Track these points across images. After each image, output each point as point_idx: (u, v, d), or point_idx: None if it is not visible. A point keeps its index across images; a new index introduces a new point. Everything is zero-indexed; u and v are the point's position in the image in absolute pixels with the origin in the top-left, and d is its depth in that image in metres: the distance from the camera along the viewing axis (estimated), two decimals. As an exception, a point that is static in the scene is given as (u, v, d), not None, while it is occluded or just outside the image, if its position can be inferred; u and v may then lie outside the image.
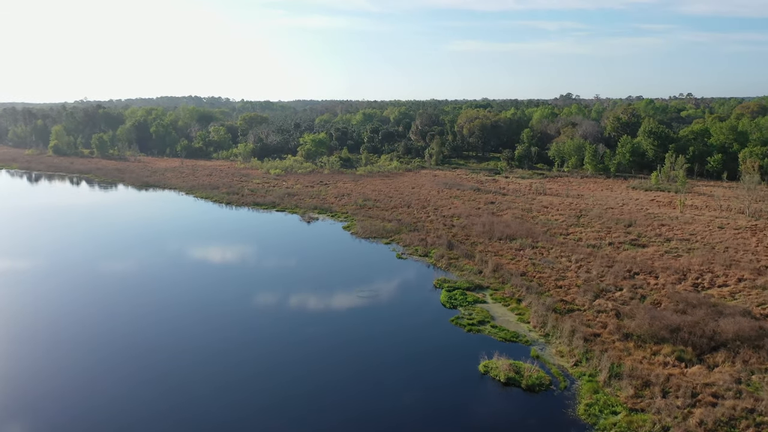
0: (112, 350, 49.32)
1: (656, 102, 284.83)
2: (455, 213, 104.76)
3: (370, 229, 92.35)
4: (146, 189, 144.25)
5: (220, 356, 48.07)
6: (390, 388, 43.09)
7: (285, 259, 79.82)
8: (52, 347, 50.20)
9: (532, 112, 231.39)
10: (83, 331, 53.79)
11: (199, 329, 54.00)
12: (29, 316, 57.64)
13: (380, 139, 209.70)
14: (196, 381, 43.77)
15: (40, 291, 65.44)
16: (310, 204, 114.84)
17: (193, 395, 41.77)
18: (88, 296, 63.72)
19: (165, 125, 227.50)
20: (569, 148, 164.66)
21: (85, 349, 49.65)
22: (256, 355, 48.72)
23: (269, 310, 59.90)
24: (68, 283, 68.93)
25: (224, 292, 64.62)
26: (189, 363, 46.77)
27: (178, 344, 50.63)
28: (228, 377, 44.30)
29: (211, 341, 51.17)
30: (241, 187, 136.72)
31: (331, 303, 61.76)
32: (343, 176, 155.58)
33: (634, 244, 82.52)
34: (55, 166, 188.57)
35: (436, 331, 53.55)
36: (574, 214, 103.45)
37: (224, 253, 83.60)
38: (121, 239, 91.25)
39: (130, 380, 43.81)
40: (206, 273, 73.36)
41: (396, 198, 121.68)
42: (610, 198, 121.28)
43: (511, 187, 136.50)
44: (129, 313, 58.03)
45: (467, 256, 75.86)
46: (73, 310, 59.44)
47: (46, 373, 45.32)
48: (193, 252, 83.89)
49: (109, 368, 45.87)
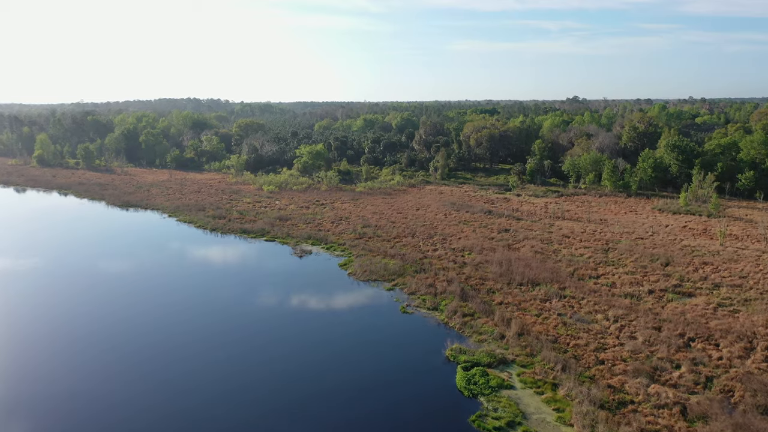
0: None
1: (669, 108, 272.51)
2: (466, 245, 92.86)
3: (369, 268, 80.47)
4: (127, 209, 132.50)
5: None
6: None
7: (265, 322, 67.73)
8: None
9: (542, 120, 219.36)
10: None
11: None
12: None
13: (382, 149, 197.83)
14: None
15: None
16: (304, 232, 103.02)
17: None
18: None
19: (155, 134, 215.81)
20: (585, 162, 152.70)
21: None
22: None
23: (232, 408, 48.06)
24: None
25: (168, 392, 48.60)
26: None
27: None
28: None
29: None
30: (230, 209, 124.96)
31: (316, 390, 49.78)
32: (341, 194, 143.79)
33: (679, 292, 70.59)
34: (35, 179, 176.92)
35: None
36: (600, 247, 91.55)
37: (182, 320, 70.82)
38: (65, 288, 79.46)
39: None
40: (149, 357, 55.00)
41: (399, 223, 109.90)
42: (637, 223, 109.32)
43: (525, 209, 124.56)
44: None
45: (485, 312, 63.96)
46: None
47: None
48: (145, 313, 71.69)
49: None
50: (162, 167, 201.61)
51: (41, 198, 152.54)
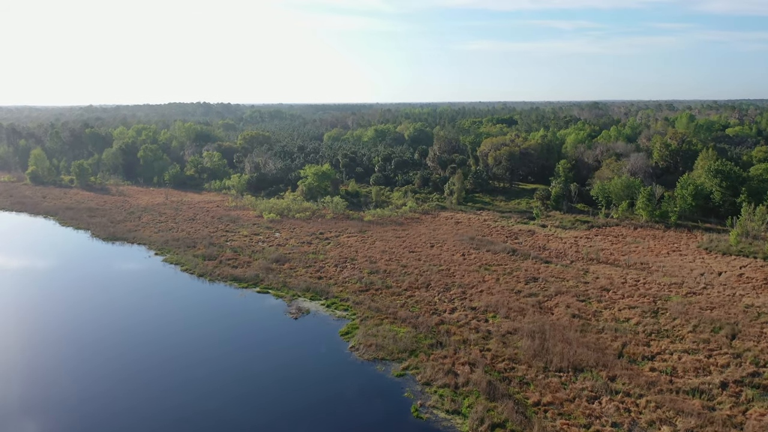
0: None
1: (698, 119, 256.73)
2: (489, 303, 79.56)
3: (376, 341, 67.44)
4: (113, 242, 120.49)
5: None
6: None
7: (235, 426, 55.09)
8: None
9: (564, 135, 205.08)
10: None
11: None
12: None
13: (393, 167, 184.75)
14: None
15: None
16: (303, 281, 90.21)
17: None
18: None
19: (153, 149, 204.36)
20: (616, 187, 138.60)
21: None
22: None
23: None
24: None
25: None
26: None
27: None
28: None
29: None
30: (223, 245, 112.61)
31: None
32: (347, 223, 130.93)
33: (758, 385, 56.86)
34: (23, 201, 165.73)
35: None
36: (648, 307, 77.87)
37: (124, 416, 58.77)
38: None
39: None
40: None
41: (411, 267, 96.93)
42: (683, 269, 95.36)
43: (553, 246, 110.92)
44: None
45: (520, 421, 50.66)
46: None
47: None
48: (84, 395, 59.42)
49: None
50: (160, 186, 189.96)
51: (22, 225, 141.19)
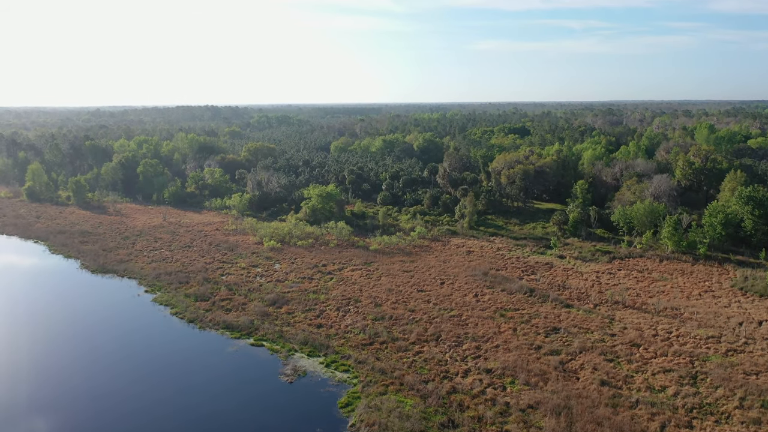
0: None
1: (719, 131, 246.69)
2: (507, 363, 71.42)
3: (380, 420, 59.39)
4: (103, 274, 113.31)
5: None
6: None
7: None
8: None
9: (580, 150, 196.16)
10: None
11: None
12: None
13: (401, 186, 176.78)
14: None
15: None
16: (301, 331, 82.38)
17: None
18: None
19: (154, 164, 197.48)
20: (639, 213, 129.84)
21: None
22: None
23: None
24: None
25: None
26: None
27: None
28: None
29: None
30: (218, 281, 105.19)
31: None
32: (352, 253, 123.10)
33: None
34: (14, 223, 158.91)
35: None
36: (685, 370, 69.46)
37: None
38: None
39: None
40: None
41: (419, 310, 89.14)
42: (720, 318, 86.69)
43: (573, 284, 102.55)
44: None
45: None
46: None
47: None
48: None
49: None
50: (159, 203, 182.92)
51: (9, 252, 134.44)
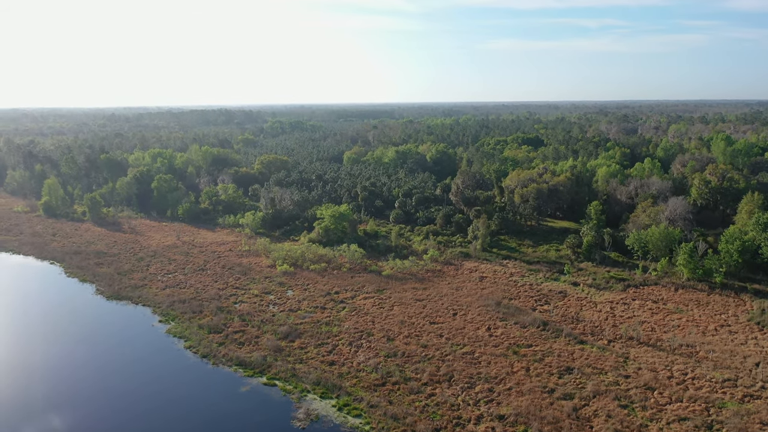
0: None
1: (736, 144, 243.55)
2: (520, 410, 71.07)
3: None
4: (117, 301, 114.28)
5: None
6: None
7: None
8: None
9: (594, 166, 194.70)
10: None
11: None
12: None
13: (414, 204, 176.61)
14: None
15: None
16: (313, 369, 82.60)
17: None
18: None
19: (168, 179, 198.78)
20: (654, 237, 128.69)
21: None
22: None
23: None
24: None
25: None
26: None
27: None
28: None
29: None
30: (231, 310, 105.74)
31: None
32: (364, 278, 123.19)
33: None
34: (31, 242, 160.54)
35: None
36: (700, 419, 68.74)
37: None
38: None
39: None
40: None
41: (432, 347, 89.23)
42: (736, 357, 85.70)
43: (587, 317, 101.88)
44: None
45: None
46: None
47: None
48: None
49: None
50: (173, 219, 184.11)
51: (26, 275, 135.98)
